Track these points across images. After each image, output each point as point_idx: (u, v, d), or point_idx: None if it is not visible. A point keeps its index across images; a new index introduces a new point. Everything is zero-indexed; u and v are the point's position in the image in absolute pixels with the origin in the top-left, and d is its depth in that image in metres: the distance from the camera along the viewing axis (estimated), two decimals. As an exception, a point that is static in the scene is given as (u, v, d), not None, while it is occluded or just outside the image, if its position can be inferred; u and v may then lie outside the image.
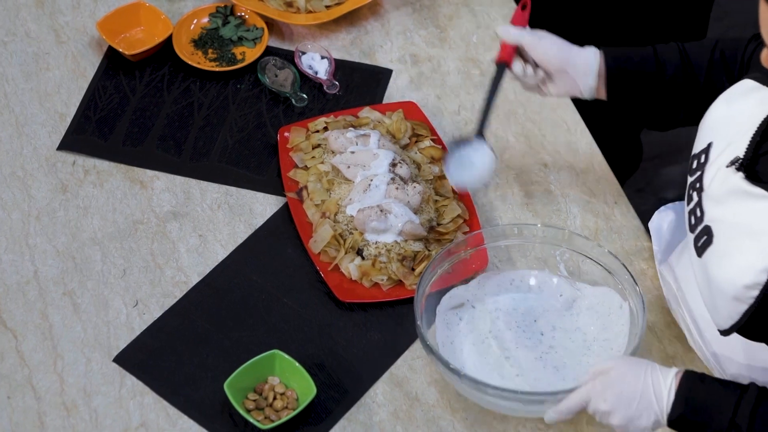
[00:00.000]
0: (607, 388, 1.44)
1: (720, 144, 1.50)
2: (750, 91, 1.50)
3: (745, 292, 1.39)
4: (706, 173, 1.50)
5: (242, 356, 1.64)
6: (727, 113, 1.52)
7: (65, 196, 1.85)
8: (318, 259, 1.76)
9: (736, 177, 1.43)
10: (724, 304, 1.44)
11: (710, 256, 1.46)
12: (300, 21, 2.09)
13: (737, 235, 1.41)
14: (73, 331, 1.70)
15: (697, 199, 1.51)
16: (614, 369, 1.45)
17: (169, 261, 1.78)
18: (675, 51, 1.69)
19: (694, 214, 1.52)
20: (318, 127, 1.91)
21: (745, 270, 1.38)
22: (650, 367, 1.44)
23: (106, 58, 2.05)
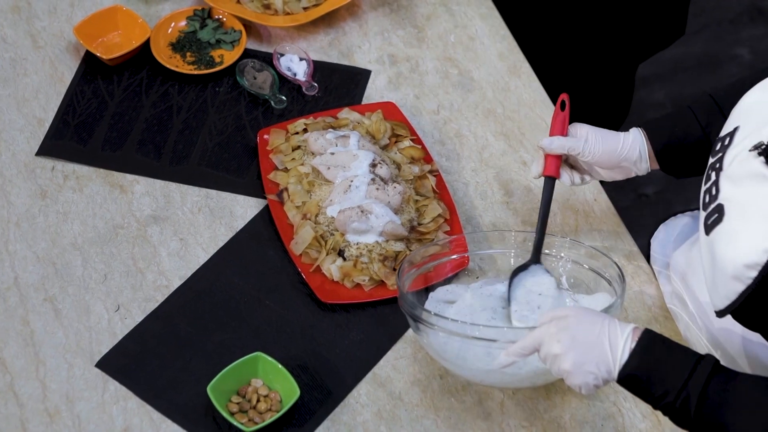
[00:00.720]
0: (562, 331, 1.43)
1: (746, 129, 1.49)
2: None
3: (744, 271, 1.39)
4: (727, 154, 1.49)
5: (225, 359, 1.64)
6: (759, 100, 1.51)
7: (45, 202, 1.85)
8: (299, 260, 1.76)
9: (757, 161, 1.42)
10: (723, 283, 1.44)
11: (718, 234, 1.45)
12: (278, 23, 2.08)
13: (748, 216, 1.41)
14: (55, 336, 1.69)
15: (714, 178, 1.50)
16: (571, 315, 1.44)
17: (151, 265, 1.78)
18: (713, 109, 1.66)
19: (709, 193, 1.50)
20: (297, 129, 1.91)
21: (748, 250, 1.38)
22: (608, 319, 1.44)
23: (83, 63, 2.04)
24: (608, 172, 1.71)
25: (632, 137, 1.69)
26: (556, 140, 1.68)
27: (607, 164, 1.68)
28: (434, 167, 1.88)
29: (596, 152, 1.67)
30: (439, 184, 1.85)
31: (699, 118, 1.68)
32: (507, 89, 2.03)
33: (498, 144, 1.95)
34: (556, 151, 1.68)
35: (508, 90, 2.03)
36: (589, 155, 1.67)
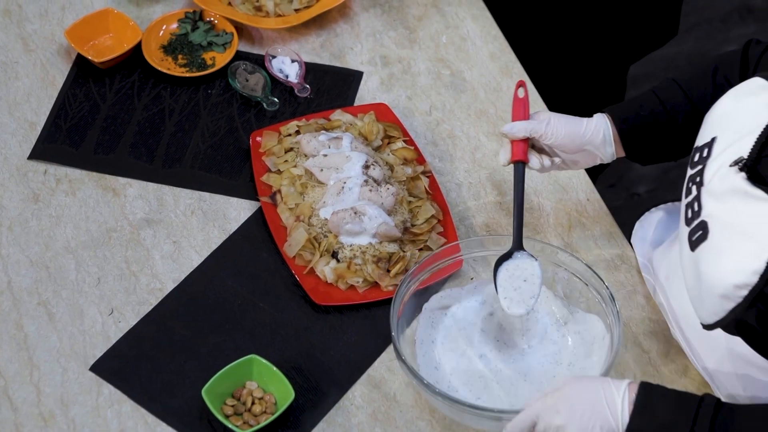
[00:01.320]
0: (560, 402, 1.43)
1: (724, 140, 1.49)
2: (759, 89, 1.49)
3: (734, 291, 1.39)
4: (707, 168, 1.49)
5: (219, 362, 1.64)
6: (733, 109, 1.51)
7: (37, 206, 1.84)
8: (293, 262, 1.76)
9: (738, 177, 1.42)
10: (710, 300, 1.44)
11: (703, 252, 1.45)
12: (269, 25, 2.08)
13: (733, 234, 1.41)
14: (49, 340, 1.69)
15: (696, 193, 1.50)
16: (566, 385, 1.45)
17: (144, 268, 1.77)
18: (678, 92, 1.67)
19: (692, 208, 1.51)
20: (290, 131, 1.91)
21: (737, 270, 1.38)
22: (601, 380, 1.44)
23: (75, 66, 2.04)
24: (573, 157, 1.70)
25: (596, 121, 1.69)
26: (518, 124, 1.68)
27: (570, 147, 1.68)
28: (427, 168, 1.88)
29: (558, 134, 1.67)
30: (432, 185, 1.85)
31: (663, 100, 1.68)
32: (499, 90, 2.03)
33: (490, 144, 1.95)
34: (519, 135, 1.67)
35: (500, 90, 2.03)
36: (552, 137, 1.67)
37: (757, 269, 1.36)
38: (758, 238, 1.37)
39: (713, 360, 1.59)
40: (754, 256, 1.37)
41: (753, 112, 1.47)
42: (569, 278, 1.68)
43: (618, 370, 1.67)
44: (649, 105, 1.68)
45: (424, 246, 1.78)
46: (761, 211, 1.38)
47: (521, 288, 1.64)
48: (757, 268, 1.36)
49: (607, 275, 1.77)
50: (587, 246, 1.81)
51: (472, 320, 1.69)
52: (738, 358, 1.54)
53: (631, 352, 1.69)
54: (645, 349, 1.70)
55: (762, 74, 1.50)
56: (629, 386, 1.42)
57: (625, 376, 1.67)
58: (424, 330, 1.68)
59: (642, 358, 1.68)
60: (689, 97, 1.67)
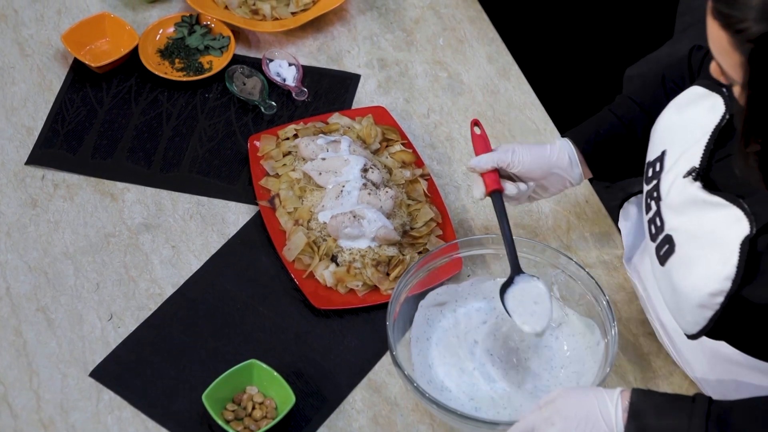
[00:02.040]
0: (554, 414, 1.43)
1: (674, 152, 1.51)
2: (699, 98, 1.52)
3: (710, 299, 1.41)
4: (662, 182, 1.52)
5: (219, 367, 1.63)
6: (678, 121, 1.54)
7: (35, 211, 1.84)
8: (292, 266, 1.75)
9: (694, 187, 1.45)
10: (689, 311, 1.46)
11: (673, 265, 1.47)
12: (266, 28, 2.08)
13: (699, 244, 1.43)
14: (48, 347, 1.68)
15: (655, 208, 1.53)
16: (559, 396, 1.45)
17: (143, 273, 1.77)
18: (633, 106, 1.68)
19: (654, 224, 1.53)
20: (288, 135, 1.91)
21: (709, 278, 1.40)
22: (594, 390, 1.44)
23: (72, 71, 2.03)
24: (543, 183, 1.70)
25: (559, 144, 1.69)
26: (483, 157, 1.68)
27: (538, 173, 1.68)
28: (425, 171, 1.88)
29: (525, 161, 1.66)
30: (430, 187, 1.85)
31: (620, 116, 1.69)
32: (496, 92, 2.03)
33: (489, 147, 1.94)
34: (487, 167, 1.67)
35: (497, 93, 2.03)
36: (519, 164, 1.66)
37: (728, 275, 1.38)
38: (723, 243, 1.39)
39: (701, 366, 1.59)
40: (723, 262, 1.39)
41: (697, 121, 1.49)
42: (567, 281, 1.68)
43: (617, 373, 1.67)
44: (608, 123, 1.69)
45: (424, 249, 1.78)
46: (721, 216, 1.41)
47: (536, 312, 1.63)
48: (728, 273, 1.38)
49: (606, 277, 1.77)
50: (586, 247, 1.81)
51: (468, 329, 1.68)
52: (725, 362, 1.55)
53: (630, 355, 1.69)
54: (644, 351, 1.69)
55: (699, 82, 1.53)
56: (621, 394, 1.42)
57: (624, 379, 1.67)
58: (419, 327, 1.68)
59: (641, 361, 1.68)
60: (644, 109, 1.68)
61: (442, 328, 1.68)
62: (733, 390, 1.57)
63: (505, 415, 1.58)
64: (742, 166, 1.31)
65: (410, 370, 1.61)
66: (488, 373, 1.62)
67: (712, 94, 1.50)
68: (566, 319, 1.68)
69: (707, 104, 1.50)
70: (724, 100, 1.48)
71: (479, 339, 1.66)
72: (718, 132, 1.47)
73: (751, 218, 1.38)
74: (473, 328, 1.68)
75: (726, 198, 1.41)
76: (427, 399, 1.53)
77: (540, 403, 1.46)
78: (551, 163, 1.68)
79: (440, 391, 1.61)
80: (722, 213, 1.41)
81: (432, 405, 1.53)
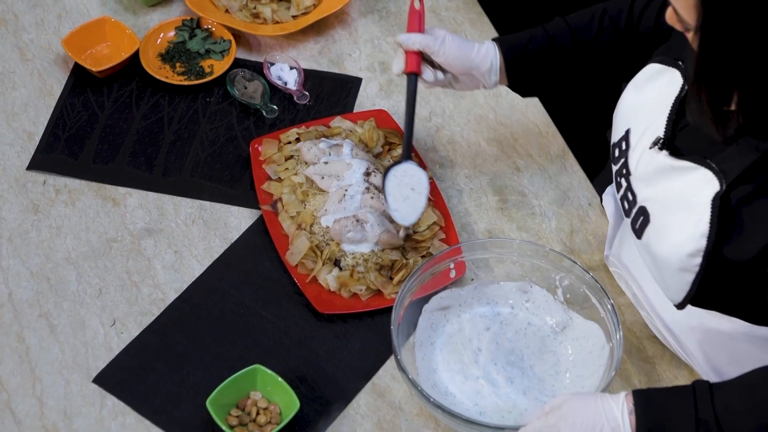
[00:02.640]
0: (560, 420, 1.43)
1: (638, 129, 1.56)
2: (657, 74, 1.56)
3: (689, 260, 1.44)
4: (630, 158, 1.56)
5: (223, 372, 1.63)
6: (638, 99, 1.58)
7: (37, 217, 1.83)
8: (295, 271, 1.75)
9: (661, 155, 1.49)
10: (673, 278, 1.48)
11: (650, 235, 1.50)
12: (267, 32, 2.08)
13: (672, 209, 1.47)
14: (51, 353, 1.68)
15: (626, 184, 1.56)
16: (565, 403, 1.45)
17: (145, 278, 1.77)
18: (566, 30, 1.73)
19: (627, 199, 1.57)
20: (290, 139, 1.91)
21: (686, 240, 1.44)
22: (598, 396, 1.45)
23: (72, 75, 2.03)
24: (461, 85, 1.75)
25: (486, 47, 1.73)
26: (414, 36, 1.71)
27: (459, 69, 1.72)
28: (428, 174, 1.87)
29: (450, 54, 1.71)
30: (433, 191, 1.85)
31: (551, 36, 1.73)
32: (498, 95, 2.02)
33: (491, 150, 1.94)
34: (414, 47, 1.71)
35: (499, 95, 2.02)
36: (443, 56, 1.71)
37: (702, 232, 1.42)
38: (696, 204, 1.42)
39: (694, 344, 1.61)
40: (697, 221, 1.42)
41: (657, 95, 1.54)
42: (571, 284, 1.67)
43: (622, 377, 1.66)
44: (538, 39, 1.73)
45: (427, 253, 1.77)
46: (691, 180, 1.44)
47: (410, 198, 1.72)
48: (703, 230, 1.42)
49: (609, 280, 1.77)
50: (589, 250, 1.81)
51: (471, 335, 1.67)
52: (717, 336, 1.57)
53: (634, 358, 1.69)
54: (649, 355, 1.69)
55: (655, 59, 1.57)
56: (626, 398, 1.43)
57: (629, 382, 1.66)
58: (424, 332, 1.67)
59: (645, 364, 1.68)
60: (574, 34, 1.72)
61: (447, 334, 1.67)
62: (726, 364, 1.60)
63: (510, 420, 1.58)
64: (695, 112, 1.37)
65: (414, 374, 1.61)
66: (493, 380, 1.62)
67: (669, 68, 1.54)
68: (570, 322, 1.68)
69: (665, 79, 1.54)
70: (681, 72, 1.52)
71: (483, 347, 1.66)
72: (679, 102, 1.51)
73: (720, 176, 1.41)
74: (477, 335, 1.67)
75: (693, 161, 1.45)
76: (432, 403, 1.52)
77: (545, 408, 1.46)
78: (473, 64, 1.72)
79: (444, 396, 1.60)
80: (691, 176, 1.44)
81: (437, 409, 1.53)
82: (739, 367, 1.48)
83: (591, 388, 1.59)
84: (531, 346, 1.67)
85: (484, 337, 1.67)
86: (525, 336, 1.68)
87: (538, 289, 1.70)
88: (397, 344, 1.58)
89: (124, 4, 2.14)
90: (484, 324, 1.69)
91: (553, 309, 1.69)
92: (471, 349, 1.66)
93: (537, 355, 1.66)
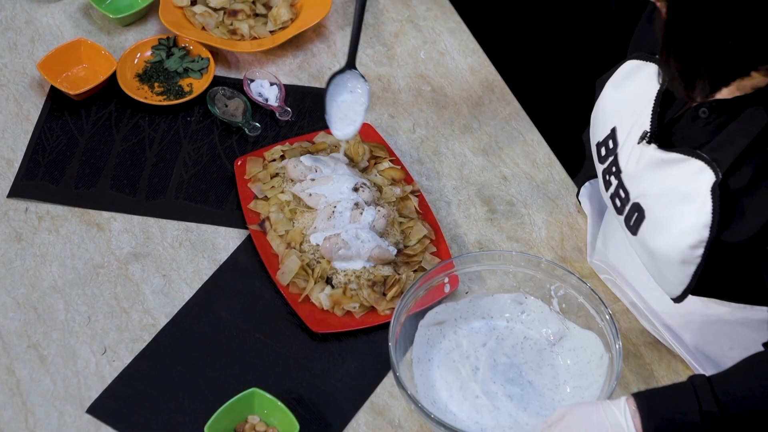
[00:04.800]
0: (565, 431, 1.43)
1: (624, 126, 1.56)
2: (635, 70, 1.56)
3: (690, 252, 1.44)
4: (620, 156, 1.56)
5: (219, 396, 1.61)
6: (619, 97, 1.58)
7: (21, 245, 1.80)
8: (287, 290, 1.73)
9: (650, 149, 1.49)
10: (672, 272, 1.48)
11: (646, 231, 1.50)
12: (245, 48, 2.05)
13: (668, 203, 1.47)
14: (42, 384, 1.65)
15: (617, 182, 1.56)
16: (568, 414, 1.45)
17: (135, 304, 1.74)
18: None
19: (618, 197, 1.56)
20: (275, 156, 1.88)
21: (686, 232, 1.44)
22: (600, 403, 1.44)
23: (49, 99, 1.99)
24: None
25: None
26: None
27: None
28: (415, 187, 1.86)
29: None
30: (421, 204, 1.84)
31: None
32: (481, 103, 2.02)
33: (477, 160, 1.93)
34: None
35: (482, 104, 2.02)
36: None
37: (705, 223, 1.42)
38: (692, 195, 1.43)
39: (693, 335, 1.61)
40: (697, 212, 1.42)
41: (639, 91, 1.54)
42: (566, 294, 1.67)
43: (621, 384, 1.66)
44: None
45: (419, 267, 1.76)
46: (683, 171, 1.45)
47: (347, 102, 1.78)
48: (705, 221, 1.42)
49: (602, 288, 1.76)
50: (581, 258, 1.80)
51: (468, 352, 1.66)
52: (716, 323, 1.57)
53: (632, 365, 1.68)
54: (647, 361, 1.69)
55: (631, 56, 1.57)
56: (627, 402, 1.42)
57: (628, 389, 1.66)
58: (421, 348, 1.66)
59: (644, 370, 1.68)
60: None
61: (444, 350, 1.66)
62: (728, 348, 1.60)
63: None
64: (668, 80, 1.37)
65: (413, 390, 1.59)
66: (492, 398, 1.61)
67: (647, 63, 1.55)
68: (567, 332, 1.67)
69: (644, 74, 1.55)
70: (659, 65, 1.51)
71: (481, 365, 1.64)
72: (662, 95, 1.51)
73: (713, 165, 1.41)
74: (474, 350, 1.66)
75: (683, 152, 1.45)
76: (434, 420, 1.51)
77: (548, 421, 1.45)
78: None
79: (444, 413, 1.59)
80: (683, 167, 1.45)
81: (439, 426, 1.51)
82: (741, 351, 1.49)
83: (591, 398, 1.59)
84: (529, 361, 1.66)
85: (482, 354, 1.66)
86: (522, 351, 1.67)
87: (533, 300, 1.69)
88: (395, 361, 1.57)
89: (98, 24, 2.11)
90: (480, 339, 1.68)
91: (549, 319, 1.68)
92: (469, 367, 1.64)
93: (535, 369, 1.65)
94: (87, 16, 2.13)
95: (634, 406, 1.41)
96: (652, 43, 1.54)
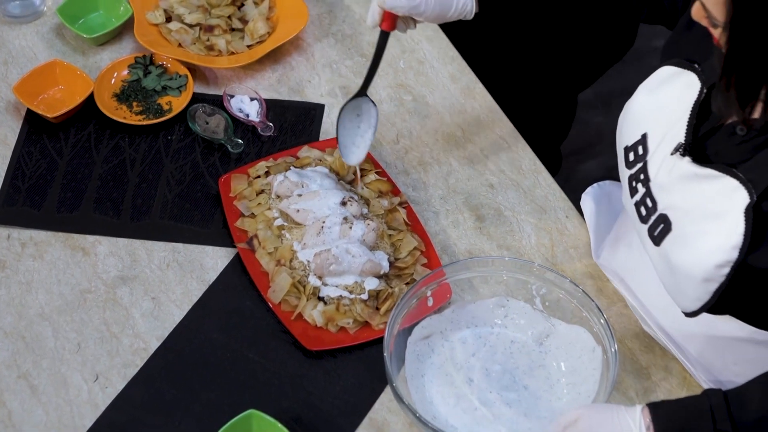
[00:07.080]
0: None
1: (656, 133, 1.51)
2: (671, 77, 1.52)
3: (716, 271, 1.41)
4: (650, 164, 1.51)
5: (216, 419, 1.59)
6: (653, 103, 1.54)
7: (4, 273, 1.77)
8: (279, 309, 1.71)
9: (683, 162, 1.45)
10: (692, 287, 1.45)
11: (670, 244, 1.47)
12: (223, 64, 2.03)
13: (697, 218, 1.43)
14: (35, 415, 1.62)
15: (644, 190, 1.52)
16: (581, 418, 1.44)
17: (125, 329, 1.71)
18: None
19: (645, 205, 1.52)
20: (259, 173, 1.86)
21: (715, 251, 1.40)
22: (616, 410, 1.44)
23: (26, 123, 1.96)
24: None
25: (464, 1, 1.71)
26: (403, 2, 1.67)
27: (435, 19, 1.72)
28: (403, 199, 1.85)
29: (432, 13, 1.69)
30: (409, 215, 1.82)
31: None
32: (463, 111, 2.01)
33: (463, 169, 1.92)
34: (401, 12, 1.68)
35: (464, 112, 2.01)
36: (426, 16, 1.69)
37: (735, 244, 1.38)
38: (725, 213, 1.39)
39: (697, 348, 1.60)
40: (728, 233, 1.38)
41: (674, 99, 1.50)
42: (549, 291, 1.66)
43: (619, 389, 1.66)
44: None
45: (411, 279, 1.75)
46: (716, 188, 1.41)
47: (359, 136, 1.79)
48: (736, 242, 1.38)
49: (595, 292, 1.76)
50: (571, 262, 1.80)
51: (460, 364, 1.65)
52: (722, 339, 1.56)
53: (629, 369, 1.68)
54: (642, 365, 1.69)
55: (668, 62, 1.53)
56: (642, 411, 1.42)
57: (626, 395, 1.65)
58: (412, 365, 1.65)
59: (641, 374, 1.67)
60: None
61: (435, 365, 1.65)
62: (732, 363, 1.58)
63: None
64: (722, 107, 1.34)
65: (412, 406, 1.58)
66: (491, 408, 1.60)
67: (685, 71, 1.50)
68: (553, 330, 1.66)
69: (681, 82, 1.50)
70: (698, 75, 1.48)
71: (474, 376, 1.63)
72: (699, 106, 1.47)
73: (749, 185, 1.38)
74: (465, 362, 1.65)
75: (718, 169, 1.41)
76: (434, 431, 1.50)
77: (561, 422, 1.45)
78: (450, 16, 1.71)
79: (446, 428, 1.58)
80: (717, 184, 1.41)
81: None
82: (745, 366, 1.48)
83: (588, 393, 1.59)
84: (520, 365, 1.65)
85: (473, 364, 1.65)
86: (512, 356, 1.66)
87: (514, 301, 1.69)
88: (391, 372, 1.55)
89: (72, 45, 2.08)
90: (469, 349, 1.67)
91: (534, 319, 1.67)
92: (462, 379, 1.63)
93: (528, 373, 1.64)
94: (60, 36, 2.10)
95: (649, 418, 1.40)
96: (691, 50, 1.50)
